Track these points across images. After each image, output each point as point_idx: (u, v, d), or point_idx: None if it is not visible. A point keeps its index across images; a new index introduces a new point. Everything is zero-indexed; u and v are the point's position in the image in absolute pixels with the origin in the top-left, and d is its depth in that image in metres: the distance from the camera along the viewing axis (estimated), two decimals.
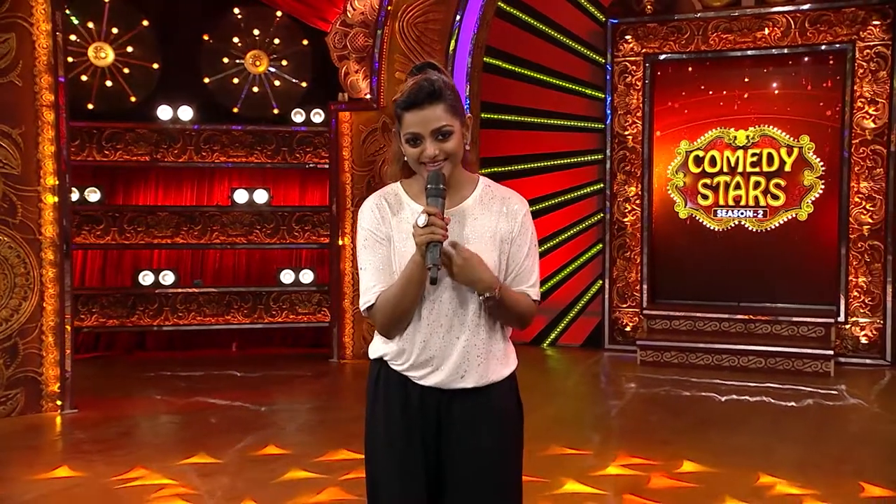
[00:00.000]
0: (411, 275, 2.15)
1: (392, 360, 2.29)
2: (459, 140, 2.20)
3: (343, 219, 8.40)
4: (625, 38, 8.78)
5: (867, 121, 8.08)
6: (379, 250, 2.27)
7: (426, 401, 2.26)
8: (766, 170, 8.46)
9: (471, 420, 2.24)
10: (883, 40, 8.02)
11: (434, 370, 2.23)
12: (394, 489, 2.29)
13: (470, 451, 2.24)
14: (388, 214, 2.29)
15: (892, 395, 6.98)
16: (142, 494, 4.55)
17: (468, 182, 2.31)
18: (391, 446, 2.29)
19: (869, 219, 8.13)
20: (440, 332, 2.22)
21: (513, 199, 2.31)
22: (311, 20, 8.69)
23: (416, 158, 2.19)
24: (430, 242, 2.07)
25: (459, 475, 2.25)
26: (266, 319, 8.81)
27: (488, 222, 2.25)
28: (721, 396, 6.82)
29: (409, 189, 2.31)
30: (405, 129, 2.19)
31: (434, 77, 2.19)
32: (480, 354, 2.23)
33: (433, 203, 2.13)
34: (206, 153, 8.72)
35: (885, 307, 8.09)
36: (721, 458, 5.07)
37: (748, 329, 8.17)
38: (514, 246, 2.26)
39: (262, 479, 4.78)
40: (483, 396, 2.25)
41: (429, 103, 2.15)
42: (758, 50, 8.43)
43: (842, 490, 4.52)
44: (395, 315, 2.21)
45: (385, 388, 2.31)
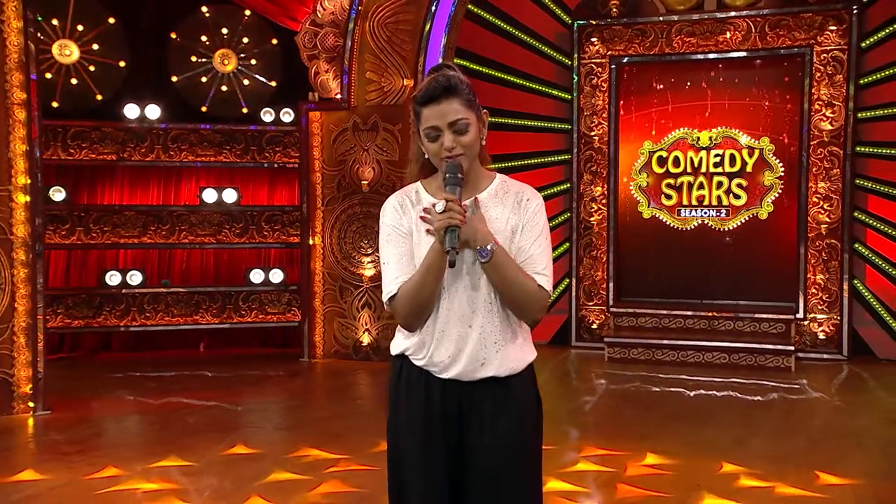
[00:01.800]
0: (431, 262, 2.23)
1: (413, 354, 2.35)
2: (476, 134, 2.28)
3: (314, 218, 8.42)
4: (591, 40, 8.94)
5: (824, 123, 8.34)
6: (401, 244, 2.34)
7: (447, 395, 2.32)
8: (729, 170, 8.68)
9: (491, 413, 2.30)
10: (839, 45, 8.28)
11: (453, 360, 2.29)
12: (417, 484, 2.34)
13: (491, 444, 2.29)
14: (409, 210, 2.36)
15: (851, 389, 7.22)
16: (129, 495, 4.55)
17: (485, 177, 2.39)
18: (414, 442, 2.35)
19: (826, 218, 8.39)
20: (456, 322, 2.28)
21: (526, 192, 2.38)
22: (281, 19, 8.69)
23: (437, 153, 2.27)
24: (448, 227, 2.15)
25: (481, 468, 2.30)
26: (235, 319, 8.77)
27: (502, 214, 2.33)
28: (689, 391, 7.00)
29: (429, 187, 2.39)
30: (424, 124, 2.27)
31: (450, 73, 2.28)
32: (497, 341, 2.29)
33: (451, 190, 2.21)
34: (173, 152, 8.66)
35: (841, 304, 8.36)
36: (695, 451, 5.22)
37: (712, 326, 8.38)
38: (522, 234, 2.32)
39: (250, 477, 4.80)
40: (503, 389, 2.31)
41: (445, 97, 2.23)
42: (719, 53, 8.65)
43: (812, 481, 4.69)
44: (416, 303, 2.27)
45: (407, 385, 2.37)
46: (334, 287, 8.43)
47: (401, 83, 8.17)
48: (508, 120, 9.14)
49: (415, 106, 2.29)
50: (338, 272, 8.41)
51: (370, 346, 8.35)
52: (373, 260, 8.29)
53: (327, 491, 4.59)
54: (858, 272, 8.43)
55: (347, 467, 4.99)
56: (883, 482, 4.67)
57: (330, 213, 8.40)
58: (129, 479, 4.79)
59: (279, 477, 4.81)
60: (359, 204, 8.33)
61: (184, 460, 5.13)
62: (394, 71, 8.19)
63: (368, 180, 8.25)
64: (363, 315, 8.34)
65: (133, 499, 4.50)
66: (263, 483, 4.71)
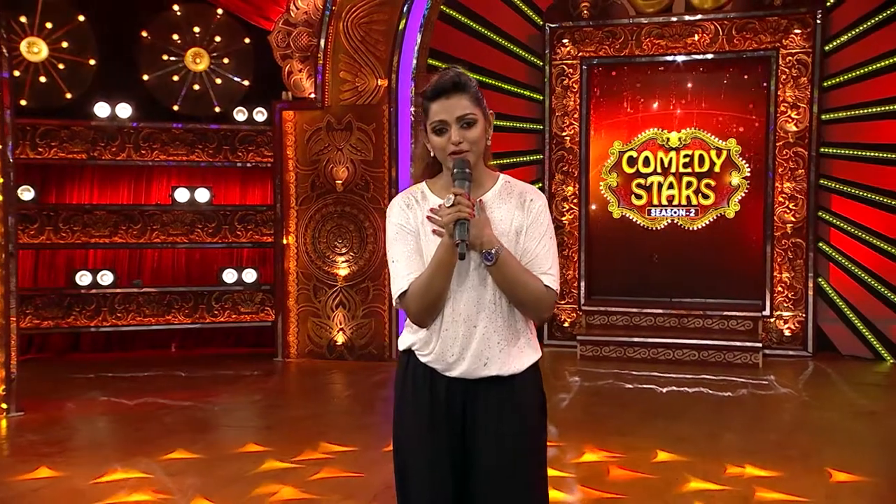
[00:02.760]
0: (441, 257, 2.26)
1: (420, 349, 2.39)
2: (482, 131, 2.33)
3: (287, 217, 8.42)
4: (562, 41, 9.04)
5: (790, 124, 8.52)
6: (409, 241, 2.37)
7: (452, 392, 2.35)
8: (698, 170, 8.84)
9: (496, 411, 2.34)
10: (804, 48, 8.46)
11: (458, 360, 2.33)
12: (422, 477, 2.37)
13: (495, 442, 2.33)
14: (416, 209, 2.40)
15: (818, 385, 7.39)
16: (114, 493, 4.54)
17: (489, 178, 2.43)
18: (419, 436, 2.38)
19: (792, 217, 8.57)
20: (460, 322, 2.32)
21: (530, 193, 2.43)
22: (254, 18, 8.68)
23: (443, 147, 2.31)
24: (458, 220, 2.19)
25: (485, 465, 2.34)
26: (208, 319, 8.74)
27: (506, 215, 2.37)
28: (661, 388, 7.13)
29: (434, 187, 2.43)
30: (432, 118, 2.31)
31: (459, 71, 2.33)
32: (501, 341, 2.33)
33: (459, 185, 2.26)
34: (145, 151, 8.61)
35: (806, 301, 8.55)
36: (672, 446, 5.31)
37: (681, 323, 8.53)
38: (526, 234, 2.36)
39: (231, 476, 4.81)
40: (507, 387, 2.35)
41: (454, 93, 2.29)
42: (688, 55, 8.79)
43: (785, 474, 4.82)
44: (427, 299, 2.30)
45: (413, 380, 2.40)
46: (308, 286, 8.43)
47: (375, 83, 8.20)
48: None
49: (423, 102, 2.33)
50: (312, 271, 8.41)
51: (344, 346, 8.36)
52: (347, 260, 8.31)
53: (309, 489, 4.61)
54: (822, 270, 8.63)
55: (328, 465, 5.02)
56: (854, 474, 4.80)
57: (304, 212, 8.40)
58: (111, 479, 4.77)
59: (262, 475, 4.82)
60: (333, 203, 8.34)
61: (165, 460, 5.12)
62: (368, 71, 8.22)
63: (343, 180, 8.26)
64: (337, 314, 8.36)
65: (119, 495, 4.48)
66: (246, 482, 4.71)
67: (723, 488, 4.57)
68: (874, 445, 5.51)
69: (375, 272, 8.26)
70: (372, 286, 8.27)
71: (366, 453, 5.29)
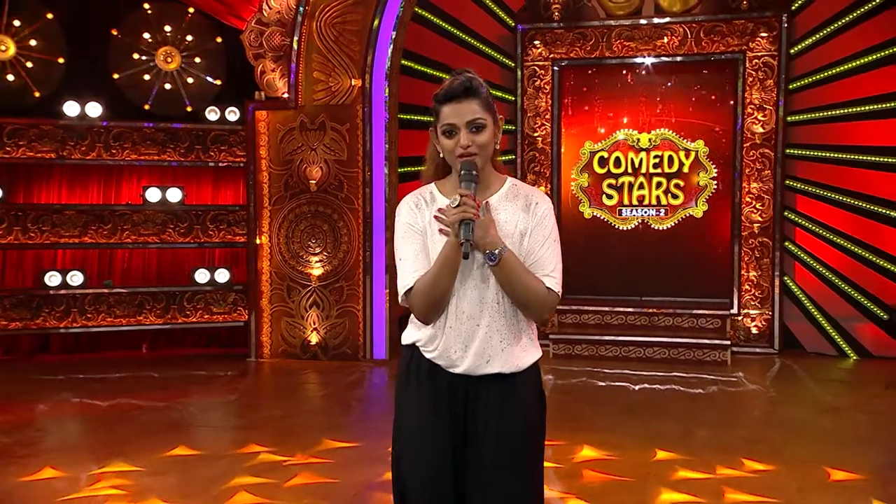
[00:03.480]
0: (447, 256, 2.31)
1: (424, 345, 2.44)
2: (491, 136, 2.38)
3: (261, 217, 8.40)
4: (533, 43, 9.12)
5: (756, 126, 8.69)
6: (417, 240, 2.42)
7: (455, 387, 2.40)
8: (667, 171, 8.97)
9: (497, 407, 2.39)
10: (770, 51, 8.63)
11: (461, 357, 2.38)
12: (421, 469, 2.41)
13: (495, 438, 2.38)
14: (424, 209, 2.45)
15: (785, 381, 7.54)
16: (92, 494, 4.52)
17: (497, 180, 2.48)
18: (420, 427, 2.41)
19: (759, 217, 8.74)
20: (464, 320, 2.38)
21: (535, 196, 2.48)
22: (226, 18, 8.66)
23: (451, 150, 2.36)
24: (462, 220, 2.24)
25: (485, 459, 2.38)
26: (180, 319, 8.69)
27: (512, 217, 2.42)
28: (634, 386, 7.23)
29: (443, 188, 2.48)
30: (442, 121, 2.36)
31: (471, 75, 2.38)
32: (504, 339, 2.39)
33: (466, 186, 2.31)
34: (115, 151, 8.54)
35: (773, 299, 8.72)
36: (646, 442, 5.41)
37: (652, 322, 8.65)
38: (531, 237, 2.41)
39: (211, 476, 4.81)
40: (508, 384, 2.40)
41: (465, 97, 2.34)
42: (657, 57, 8.92)
43: (759, 469, 4.94)
44: (433, 296, 2.35)
45: (416, 374, 2.45)
46: (282, 286, 8.42)
47: (349, 83, 8.22)
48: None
49: (435, 104, 2.38)
50: (285, 271, 8.40)
51: (318, 346, 8.37)
52: (321, 259, 8.32)
53: (291, 488, 4.62)
54: (788, 269, 8.81)
55: (308, 464, 5.04)
56: (823, 468, 4.93)
57: (277, 212, 8.39)
58: (88, 480, 4.75)
59: (240, 475, 4.83)
60: (307, 203, 8.34)
61: (143, 460, 5.11)
62: (342, 71, 8.23)
63: (316, 180, 8.27)
64: (311, 314, 8.36)
65: (95, 499, 4.47)
66: (225, 482, 4.72)
67: (697, 483, 4.66)
68: (839, 440, 5.64)
69: (349, 272, 8.28)
70: (346, 286, 8.29)
71: (345, 452, 5.31)
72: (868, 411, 6.48)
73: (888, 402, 6.81)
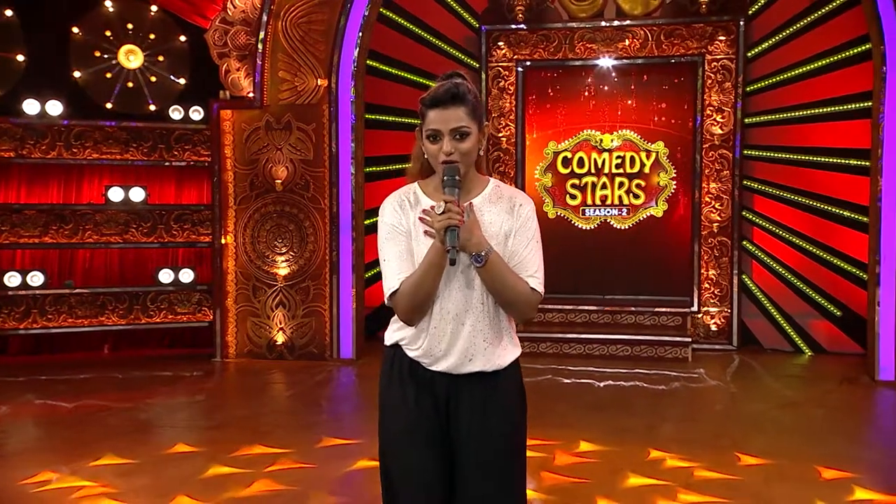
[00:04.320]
0: (432, 260, 2.35)
1: (407, 344, 2.48)
2: (475, 143, 2.42)
3: (226, 217, 8.37)
4: (498, 44, 9.21)
5: (715, 127, 8.87)
6: (401, 242, 2.46)
7: (436, 385, 2.45)
8: (629, 171, 9.12)
9: (480, 404, 2.44)
10: (728, 54, 8.82)
11: (444, 355, 2.43)
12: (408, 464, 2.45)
13: (479, 435, 2.43)
14: (408, 210, 2.48)
15: (744, 377, 7.72)
16: (61, 497, 4.49)
17: (480, 182, 2.53)
18: (405, 427, 2.46)
19: (717, 217, 8.93)
20: (449, 319, 2.42)
21: (518, 198, 2.53)
22: (190, 16, 8.60)
23: (435, 155, 2.40)
24: (448, 227, 2.28)
25: (469, 455, 2.43)
26: (143, 320, 8.61)
27: (496, 218, 2.46)
28: (599, 382, 7.35)
29: (426, 188, 2.52)
30: (427, 125, 2.40)
31: (459, 82, 2.41)
32: (486, 339, 2.44)
33: (450, 193, 2.34)
34: (77, 150, 8.44)
35: (731, 297, 8.92)
36: (614, 438, 5.53)
37: (615, 320, 8.80)
38: (515, 238, 2.46)
39: (183, 476, 4.81)
40: (490, 382, 2.46)
41: (452, 104, 2.36)
42: (619, 60, 9.07)
43: (722, 461, 5.08)
44: (417, 298, 2.39)
45: (399, 373, 2.49)
46: (247, 286, 8.40)
47: (315, 83, 8.22)
48: (418, 121, 9.28)
49: (421, 107, 2.42)
50: (251, 271, 8.38)
51: (284, 346, 8.36)
52: (287, 259, 8.31)
53: (262, 488, 4.64)
54: (746, 268, 9.01)
55: (279, 463, 5.06)
56: (785, 461, 5.09)
57: (243, 211, 8.37)
58: (60, 482, 4.72)
59: (213, 475, 4.84)
60: (272, 203, 8.33)
61: (116, 460, 5.09)
62: (308, 71, 8.23)
63: (282, 179, 8.26)
64: (277, 314, 8.35)
65: (67, 501, 4.44)
66: (199, 481, 4.73)
67: (664, 477, 4.78)
68: (798, 434, 5.81)
69: (316, 271, 8.29)
70: (313, 286, 8.30)
71: (316, 450, 5.34)
72: (825, 405, 6.67)
73: (843, 397, 7.02)
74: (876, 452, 5.45)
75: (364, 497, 4.52)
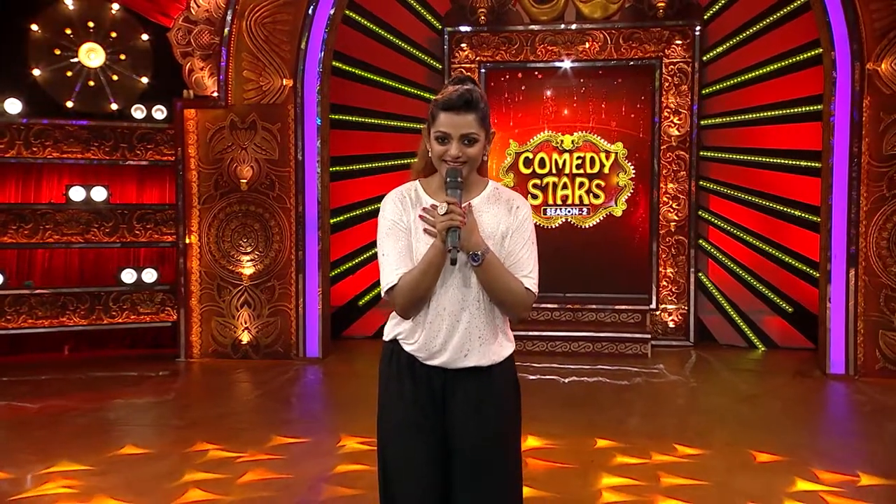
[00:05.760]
0: (433, 258, 2.44)
1: (405, 339, 2.56)
2: (481, 149, 2.51)
3: (190, 216, 8.34)
4: (460, 45, 9.32)
5: (672, 129, 9.10)
6: (401, 238, 2.53)
7: (433, 379, 2.53)
8: (589, 171, 9.30)
9: (474, 397, 2.53)
10: (684, 58, 9.05)
11: (440, 350, 2.51)
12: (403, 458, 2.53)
13: (474, 425, 2.52)
14: (409, 207, 2.56)
15: (703, 372, 7.95)
16: (40, 494, 4.48)
17: (479, 183, 2.62)
18: (403, 420, 2.54)
19: (675, 216, 9.16)
20: (445, 316, 2.50)
21: (516, 200, 2.62)
22: (152, 15, 8.55)
23: (440, 156, 2.48)
24: (450, 228, 2.37)
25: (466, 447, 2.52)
26: (105, 320, 8.53)
27: (494, 219, 2.56)
28: (563, 379, 7.51)
29: (428, 187, 2.60)
30: (437, 127, 2.47)
31: (472, 88, 2.48)
32: (482, 336, 2.52)
33: (452, 194, 2.43)
34: (36, 148, 8.34)
35: (688, 295, 9.16)
36: (584, 432, 5.68)
37: (576, 317, 8.97)
38: (511, 239, 2.56)
39: (158, 475, 4.82)
40: (485, 375, 2.54)
41: (464, 110, 2.44)
42: (580, 62, 9.23)
43: (690, 452, 5.26)
44: (415, 294, 2.47)
45: (397, 368, 2.57)
46: (212, 286, 8.38)
47: (280, 83, 8.24)
48: (382, 121, 9.40)
49: (432, 107, 2.49)
50: (215, 271, 8.36)
51: (249, 345, 8.36)
52: (252, 259, 8.31)
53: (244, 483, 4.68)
54: (702, 266, 9.26)
55: (260, 459, 5.10)
56: (748, 451, 5.29)
57: (207, 211, 8.34)
58: (34, 481, 4.70)
59: (190, 472, 4.86)
60: (237, 202, 8.32)
61: (89, 460, 5.08)
62: (272, 70, 8.24)
63: (247, 179, 8.25)
64: (242, 313, 8.34)
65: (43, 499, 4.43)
66: (175, 479, 4.74)
67: (635, 470, 4.93)
68: (759, 425, 6.03)
69: (282, 271, 8.30)
70: (278, 285, 8.31)
71: (295, 446, 5.39)
72: (781, 398, 6.92)
73: (797, 390, 7.27)
74: (834, 441, 5.68)
75: (344, 493, 4.58)
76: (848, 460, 5.10)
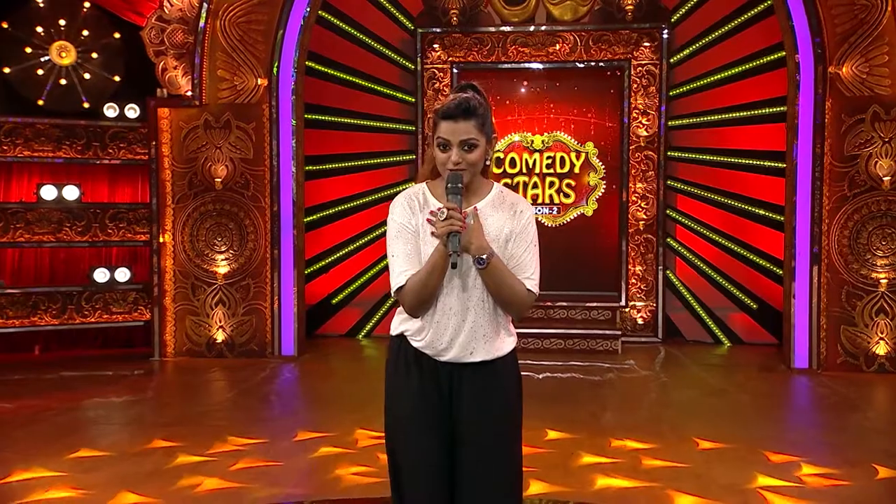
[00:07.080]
0: (436, 262, 2.53)
1: (413, 335, 2.65)
2: (482, 154, 2.60)
3: (163, 216, 8.33)
4: (433, 46, 9.41)
5: (641, 129, 9.28)
6: (409, 240, 2.62)
7: (440, 373, 2.63)
8: (559, 171, 9.46)
9: (480, 389, 2.63)
10: (652, 60, 9.23)
11: (447, 348, 2.61)
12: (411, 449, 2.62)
13: (479, 416, 2.61)
14: (416, 210, 2.64)
15: (672, 367, 8.13)
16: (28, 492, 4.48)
17: (484, 186, 2.70)
18: (411, 412, 2.63)
19: (643, 215, 9.34)
20: (451, 315, 2.60)
21: (520, 204, 2.71)
22: (124, 13, 8.54)
23: (443, 163, 2.57)
24: (450, 232, 2.46)
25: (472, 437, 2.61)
26: (78, 320, 8.48)
27: (498, 222, 2.64)
28: (537, 374, 7.63)
29: (434, 190, 2.68)
30: (438, 134, 2.57)
31: (470, 96, 2.58)
32: (486, 334, 2.62)
33: (452, 199, 2.51)
34: (7, 147, 8.28)
35: (657, 292, 9.34)
36: (560, 426, 5.77)
37: (548, 314, 9.11)
38: (515, 242, 2.64)
39: (150, 470, 4.86)
40: (490, 368, 2.64)
41: (463, 118, 2.53)
42: (551, 63, 9.38)
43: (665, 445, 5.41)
44: (422, 295, 2.56)
45: (405, 361, 2.66)
46: (186, 284, 8.38)
47: (255, 82, 8.26)
48: (355, 121, 9.47)
49: (435, 117, 2.59)
50: (190, 270, 8.37)
51: (224, 343, 8.38)
52: (227, 258, 8.33)
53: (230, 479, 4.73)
54: (670, 264, 9.45)
55: (244, 457, 5.14)
56: (718, 442, 5.45)
57: (181, 210, 8.34)
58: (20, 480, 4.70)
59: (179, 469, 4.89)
60: (212, 202, 8.33)
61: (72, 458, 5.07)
62: (247, 70, 8.27)
63: (222, 178, 8.27)
64: (217, 312, 8.36)
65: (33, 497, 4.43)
66: (164, 475, 4.77)
67: (612, 460, 5.07)
68: (730, 417, 6.21)
69: (256, 269, 8.33)
70: (253, 283, 8.34)
71: (277, 443, 5.44)
72: (749, 392, 7.13)
73: (765, 384, 7.48)
74: (802, 433, 5.87)
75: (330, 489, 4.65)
76: (814, 451, 5.28)
